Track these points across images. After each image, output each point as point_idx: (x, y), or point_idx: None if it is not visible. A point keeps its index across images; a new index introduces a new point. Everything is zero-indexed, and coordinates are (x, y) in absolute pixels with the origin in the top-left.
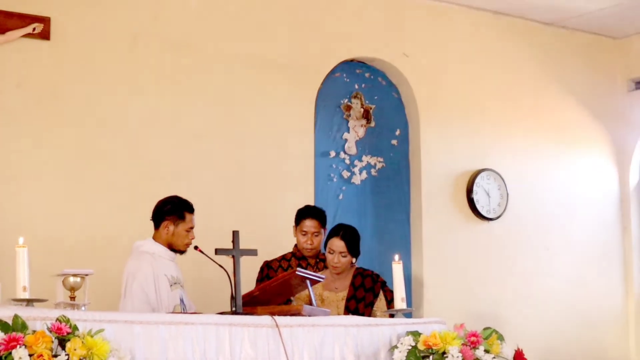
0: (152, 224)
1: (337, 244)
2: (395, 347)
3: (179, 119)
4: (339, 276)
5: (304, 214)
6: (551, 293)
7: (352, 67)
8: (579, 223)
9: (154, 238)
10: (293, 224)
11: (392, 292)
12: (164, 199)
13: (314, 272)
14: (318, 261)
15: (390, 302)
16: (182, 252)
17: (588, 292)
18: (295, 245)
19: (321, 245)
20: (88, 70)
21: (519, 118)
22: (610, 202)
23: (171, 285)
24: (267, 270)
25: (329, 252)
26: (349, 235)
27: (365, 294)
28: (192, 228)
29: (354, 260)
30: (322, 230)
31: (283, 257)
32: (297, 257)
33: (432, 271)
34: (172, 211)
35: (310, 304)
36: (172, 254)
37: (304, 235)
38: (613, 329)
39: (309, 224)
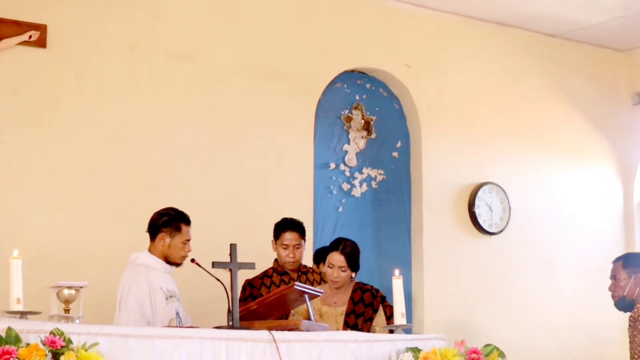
0: (148, 236)
1: (337, 258)
2: None
3: (177, 129)
4: (338, 291)
5: (283, 226)
6: (554, 309)
7: (353, 78)
8: (583, 238)
9: (150, 250)
10: (272, 238)
11: (391, 307)
12: (160, 211)
13: None
14: (300, 274)
15: (390, 317)
16: (178, 264)
17: (592, 307)
18: (276, 260)
19: (302, 258)
20: (84, 79)
21: (521, 131)
22: (614, 216)
23: (167, 299)
24: (250, 289)
25: (329, 267)
26: (349, 250)
27: (365, 309)
28: (188, 240)
29: (353, 274)
30: (303, 242)
31: (265, 274)
32: (278, 272)
33: (432, 286)
34: (168, 223)
35: (309, 318)
36: (167, 266)
37: (285, 248)
38: (617, 345)
39: (290, 237)
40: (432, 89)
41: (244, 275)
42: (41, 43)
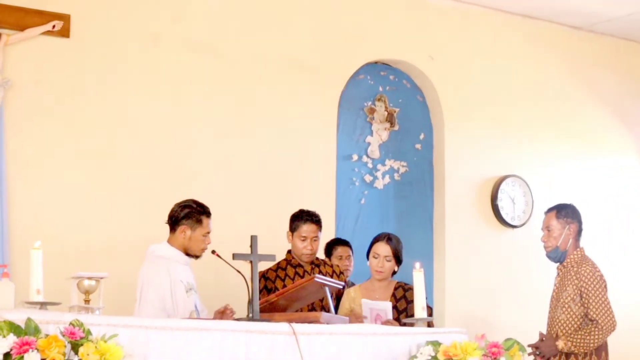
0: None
1: (383, 248)
2: (415, 357)
3: (199, 120)
4: (381, 284)
5: (300, 218)
6: None
7: (377, 69)
8: (606, 231)
9: (169, 242)
10: (288, 229)
11: (430, 308)
12: (181, 203)
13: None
14: (314, 267)
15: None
16: (197, 257)
17: (614, 299)
18: (289, 252)
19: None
20: (107, 70)
21: (545, 123)
22: (636, 208)
23: (187, 291)
24: (265, 281)
25: (374, 257)
26: (395, 240)
27: (408, 306)
28: (208, 233)
29: (396, 268)
30: (319, 234)
31: (278, 266)
32: (292, 264)
33: (454, 279)
34: (189, 215)
35: (328, 311)
36: (187, 258)
37: (303, 240)
38: (637, 337)
39: (308, 229)
40: (455, 81)
41: (263, 267)
42: (64, 33)
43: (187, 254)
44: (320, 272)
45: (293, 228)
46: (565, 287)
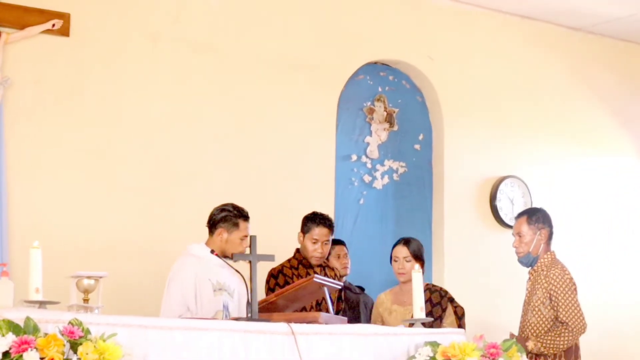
0: (169, 227)
1: (400, 249)
2: (413, 357)
3: (198, 120)
4: (408, 288)
5: (314, 221)
6: None
7: (376, 70)
8: (605, 231)
9: (207, 243)
10: (299, 230)
11: (462, 308)
12: (220, 206)
13: None
14: (321, 269)
15: (461, 317)
16: (231, 258)
17: (614, 301)
18: (298, 251)
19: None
20: (107, 69)
21: (544, 124)
22: (636, 210)
23: (215, 291)
24: (284, 277)
25: (394, 261)
26: (414, 243)
27: (433, 309)
28: (246, 236)
29: (419, 269)
30: (330, 238)
31: (291, 265)
32: (304, 265)
33: (453, 279)
34: (226, 219)
35: (328, 311)
36: (221, 261)
37: (315, 243)
38: (637, 339)
39: (320, 232)
40: (455, 82)
41: (263, 267)
42: (64, 32)
43: (225, 256)
44: (326, 274)
45: (305, 230)
46: (536, 290)
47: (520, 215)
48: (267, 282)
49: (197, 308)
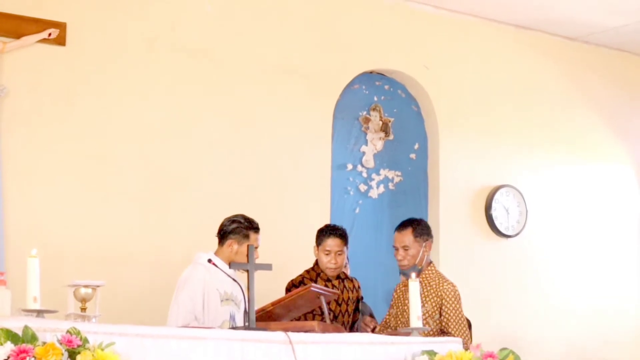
0: (165, 235)
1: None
2: None
3: (194, 127)
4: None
5: (325, 233)
6: (570, 311)
7: (372, 79)
8: (600, 240)
9: (216, 253)
10: (314, 243)
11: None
12: (231, 217)
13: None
14: (340, 281)
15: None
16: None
17: (608, 309)
18: (316, 264)
19: (343, 265)
20: (103, 77)
21: (539, 133)
22: (631, 219)
23: (222, 301)
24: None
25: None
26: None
27: None
28: (256, 248)
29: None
30: (345, 249)
31: (310, 277)
32: (322, 278)
33: None
34: (236, 230)
35: (324, 320)
36: (230, 271)
37: (327, 254)
38: (634, 348)
39: (332, 243)
40: (450, 91)
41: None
42: (60, 41)
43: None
44: (344, 287)
45: (318, 242)
46: (423, 303)
47: (403, 227)
48: (288, 290)
49: (205, 317)
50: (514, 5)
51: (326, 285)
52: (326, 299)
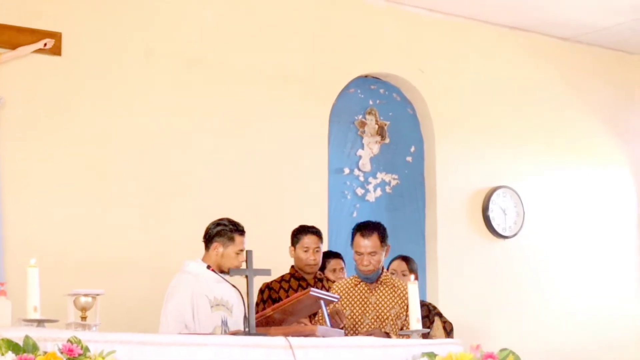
0: (164, 242)
1: (399, 264)
2: None
3: (191, 134)
4: None
5: (301, 231)
6: (569, 311)
7: (367, 83)
8: (597, 241)
9: (203, 259)
10: (289, 245)
11: (451, 323)
12: (215, 221)
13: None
14: (316, 281)
15: (449, 333)
16: (227, 273)
17: (607, 309)
18: (292, 267)
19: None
20: (99, 86)
21: (535, 134)
22: (629, 218)
23: (212, 307)
24: (269, 291)
25: (392, 274)
26: (410, 260)
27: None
28: (242, 250)
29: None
30: (321, 246)
31: (282, 279)
32: (296, 277)
33: (447, 290)
34: (221, 233)
35: (324, 324)
36: (218, 276)
37: (306, 251)
38: (633, 348)
39: (309, 240)
40: (445, 94)
41: (259, 281)
42: (56, 51)
43: (221, 271)
44: (322, 287)
45: (295, 241)
46: (392, 306)
47: (369, 232)
48: (260, 293)
49: (195, 325)
50: (507, 7)
51: (300, 285)
52: (326, 303)
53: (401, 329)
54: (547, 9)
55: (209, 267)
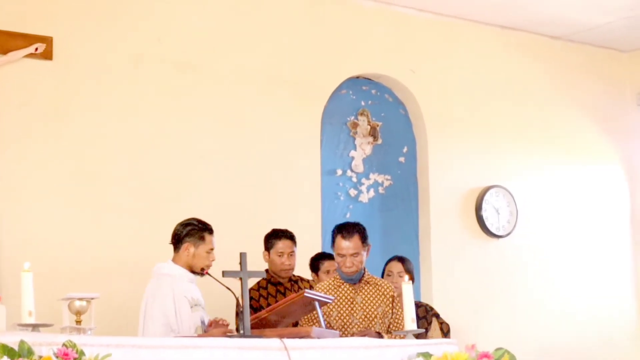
0: (157, 246)
1: (395, 265)
2: None
3: (183, 138)
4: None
5: (275, 236)
6: (563, 310)
7: (359, 84)
8: (590, 239)
9: (174, 260)
10: (263, 250)
11: (447, 324)
12: (183, 222)
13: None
14: (292, 283)
15: (446, 334)
16: (201, 274)
17: (600, 309)
18: (267, 271)
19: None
20: (91, 91)
21: (527, 134)
22: (621, 217)
23: (192, 307)
24: (250, 301)
25: (388, 275)
26: (406, 260)
27: (418, 322)
28: (212, 249)
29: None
30: (295, 250)
31: (259, 286)
32: (272, 282)
33: (441, 289)
34: (191, 233)
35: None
36: (191, 276)
37: (281, 256)
38: (626, 347)
39: (284, 245)
40: (437, 94)
41: (253, 284)
42: (47, 55)
43: (192, 272)
44: (299, 288)
45: (269, 246)
46: (378, 305)
47: (350, 234)
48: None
49: (179, 327)
50: (498, 6)
51: (277, 290)
52: (320, 304)
53: (388, 327)
54: (537, 8)
55: (202, 269)
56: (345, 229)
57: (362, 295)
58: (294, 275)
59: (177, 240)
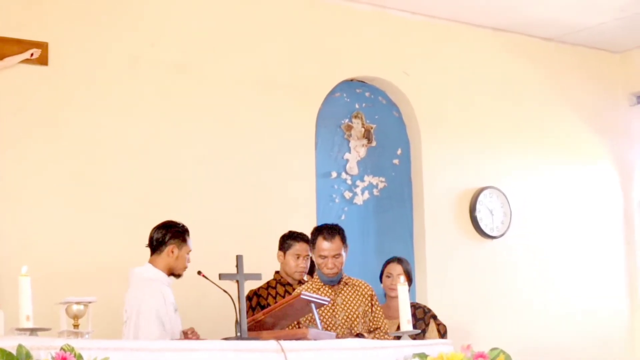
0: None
1: (394, 267)
2: None
3: (179, 141)
4: (396, 304)
5: (294, 238)
6: (558, 310)
7: (352, 87)
8: (584, 239)
9: (153, 263)
10: (278, 249)
11: (444, 326)
12: (164, 224)
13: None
14: (300, 285)
15: (443, 335)
16: (180, 276)
17: (593, 309)
18: (277, 272)
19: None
20: (87, 95)
21: (520, 134)
22: (614, 217)
23: (175, 310)
24: (257, 298)
25: (387, 277)
26: (404, 261)
27: (416, 323)
28: (190, 251)
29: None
30: (310, 254)
31: (269, 285)
32: (282, 283)
33: (436, 291)
34: (175, 235)
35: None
36: (170, 279)
37: (297, 258)
38: (620, 346)
39: (301, 247)
40: (430, 96)
41: (249, 286)
42: (43, 61)
43: (171, 274)
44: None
45: (285, 247)
46: (359, 305)
47: (331, 236)
48: (249, 300)
49: (172, 330)
50: (490, 8)
51: (286, 291)
52: (317, 306)
53: (369, 326)
54: (529, 10)
55: (199, 272)
56: (326, 230)
57: (343, 297)
58: (302, 278)
59: (160, 242)
